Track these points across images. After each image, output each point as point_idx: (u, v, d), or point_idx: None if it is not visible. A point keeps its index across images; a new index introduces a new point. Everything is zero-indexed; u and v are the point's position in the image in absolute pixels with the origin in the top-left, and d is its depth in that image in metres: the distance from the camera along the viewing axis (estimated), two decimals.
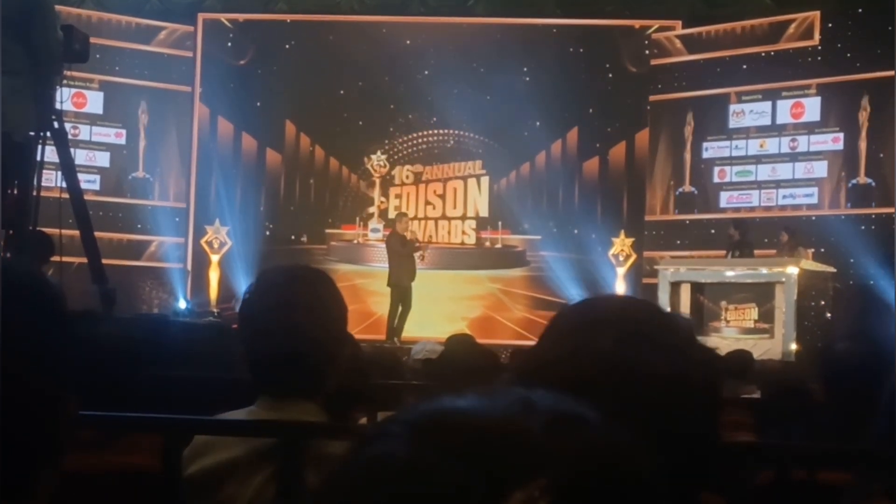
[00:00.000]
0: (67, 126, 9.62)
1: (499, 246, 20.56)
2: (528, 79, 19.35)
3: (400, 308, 16.61)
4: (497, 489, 0.86)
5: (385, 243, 17.47)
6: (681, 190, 19.52)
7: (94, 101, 19.69)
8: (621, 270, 19.50)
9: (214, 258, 20.05)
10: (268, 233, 20.37)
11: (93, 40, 9.70)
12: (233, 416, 2.92)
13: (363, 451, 0.92)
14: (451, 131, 20.65)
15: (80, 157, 17.64)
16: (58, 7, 9.11)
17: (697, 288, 15.14)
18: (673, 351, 1.60)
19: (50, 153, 8.70)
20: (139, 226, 19.69)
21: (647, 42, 19.96)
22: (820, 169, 18.22)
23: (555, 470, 0.88)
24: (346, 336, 2.99)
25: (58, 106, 8.68)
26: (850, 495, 2.92)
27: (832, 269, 15.55)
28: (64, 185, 8.83)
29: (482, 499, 0.84)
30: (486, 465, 0.87)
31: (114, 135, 19.95)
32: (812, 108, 18.29)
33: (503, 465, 0.86)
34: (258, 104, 20.49)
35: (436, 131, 20.74)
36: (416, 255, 16.76)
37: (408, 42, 20.28)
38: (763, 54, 18.75)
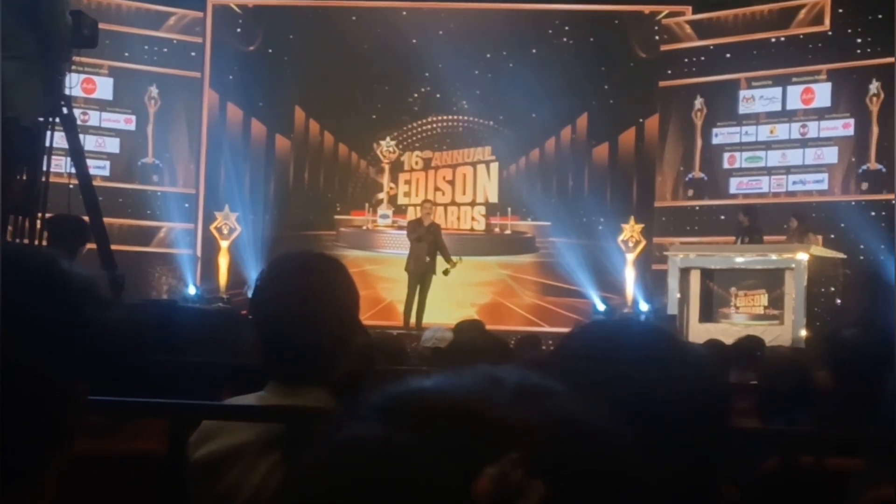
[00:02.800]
0: (77, 112, 9.63)
1: (508, 232, 20.57)
2: (537, 64, 19.28)
3: (417, 294, 16.60)
4: (469, 465, 0.86)
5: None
6: (690, 176, 19.50)
7: (104, 87, 19.69)
8: (631, 256, 19.48)
9: (224, 244, 20.06)
10: (277, 219, 20.36)
11: (102, 26, 9.70)
12: (242, 402, 2.93)
13: (335, 436, 0.93)
14: (461, 117, 20.65)
15: (90, 142, 17.65)
16: None
17: (707, 274, 15.12)
18: (682, 379, 1.61)
19: (59, 139, 8.71)
20: (148, 212, 19.70)
21: (656, 28, 19.93)
22: (830, 155, 18.19)
23: (525, 442, 0.88)
24: (357, 323, 2.99)
25: (67, 91, 8.69)
26: (857, 481, 2.92)
27: (842, 256, 15.51)
28: (73, 170, 8.85)
29: (454, 476, 0.85)
30: (457, 442, 0.87)
31: (123, 120, 19.96)
32: (822, 93, 18.26)
33: (474, 441, 0.87)
34: (267, 90, 20.47)
35: (445, 117, 20.74)
36: (442, 271, 16.63)
37: (417, 28, 20.25)
38: (773, 40, 18.71)
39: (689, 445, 1.58)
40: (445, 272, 16.62)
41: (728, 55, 19.01)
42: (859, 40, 17.79)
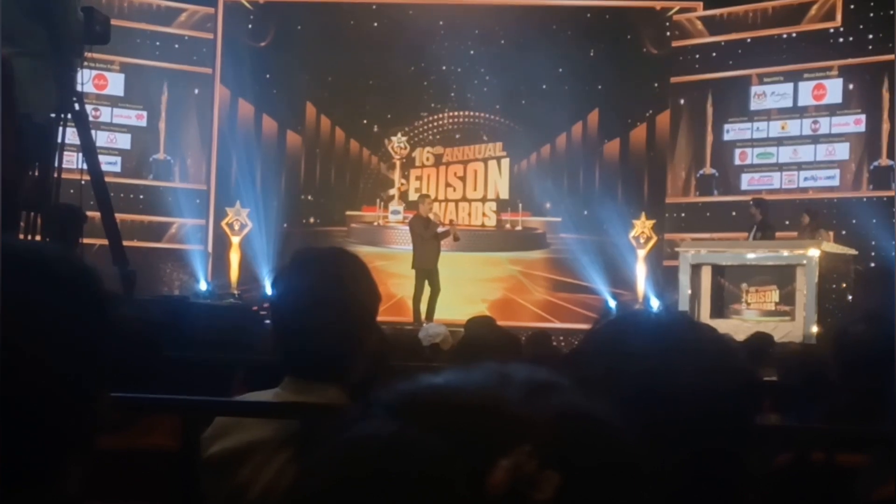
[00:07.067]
0: (88, 108, 9.65)
1: (519, 228, 20.55)
2: (548, 60, 19.25)
3: (428, 291, 16.64)
4: (483, 459, 0.87)
5: (408, 226, 17.46)
6: (702, 172, 19.49)
7: (115, 83, 19.72)
8: (642, 253, 19.46)
9: (235, 240, 20.07)
10: (288, 215, 20.37)
11: (113, 22, 9.71)
12: (258, 398, 2.93)
13: (347, 432, 0.94)
14: (472, 113, 20.64)
15: (101, 138, 17.70)
16: None
17: (718, 270, 15.11)
18: (708, 371, 1.62)
19: (71, 135, 8.72)
20: (160, 208, 19.72)
21: (668, 24, 19.92)
22: (841, 151, 18.17)
23: (538, 435, 0.89)
24: (375, 322, 2.98)
25: (79, 88, 8.70)
26: (866, 478, 2.92)
27: (853, 252, 15.48)
28: (84, 166, 8.86)
29: (468, 470, 0.86)
30: (469, 437, 0.89)
31: (135, 116, 19.98)
32: (834, 89, 18.24)
33: (486, 435, 0.88)
34: (278, 86, 20.49)
35: (456, 113, 20.73)
36: (450, 237, 16.83)
37: (428, 24, 20.23)
38: (785, 36, 18.69)
39: (722, 433, 1.59)
40: (456, 238, 16.91)
41: (739, 51, 19.00)
42: (871, 36, 17.76)
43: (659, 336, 1.67)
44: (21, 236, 7.45)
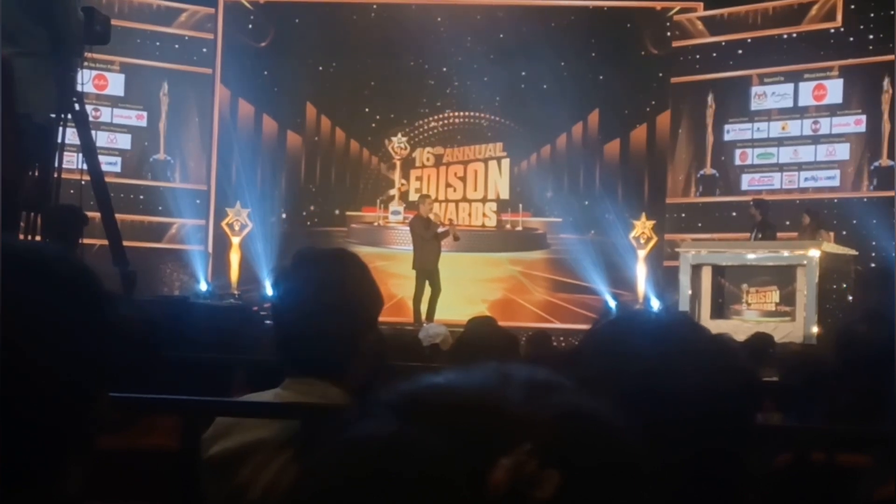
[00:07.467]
0: (88, 108, 9.65)
1: (519, 228, 20.55)
2: (549, 60, 19.25)
3: (429, 291, 16.65)
4: (483, 459, 0.87)
5: (409, 227, 17.48)
6: (702, 172, 19.49)
7: (116, 84, 19.72)
8: (642, 253, 19.46)
9: (235, 240, 20.06)
10: (288, 215, 20.38)
11: (114, 22, 9.72)
12: (259, 398, 2.93)
13: (346, 433, 0.94)
14: (472, 113, 20.63)
15: (102, 139, 17.67)
16: None
17: (718, 271, 15.11)
18: (708, 371, 1.62)
19: (71, 135, 8.73)
20: (160, 208, 19.71)
21: (668, 24, 19.91)
22: (842, 151, 18.16)
23: (538, 434, 0.89)
24: (375, 323, 2.98)
25: (79, 88, 8.71)
26: (866, 478, 2.92)
27: (854, 252, 15.48)
28: (85, 167, 8.87)
29: (468, 470, 0.86)
30: (470, 436, 0.89)
31: (135, 117, 19.98)
32: (834, 90, 18.23)
33: (486, 434, 0.88)
34: (279, 86, 20.48)
35: (456, 113, 20.73)
36: (450, 237, 16.86)
37: (428, 24, 20.22)
38: (785, 36, 18.69)
39: (722, 433, 1.59)
40: (456, 238, 16.99)
41: (740, 51, 19.00)
42: (871, 37, 17.76)
43: (659, 336, 1.67)
44: (21, 236, 7.45)
